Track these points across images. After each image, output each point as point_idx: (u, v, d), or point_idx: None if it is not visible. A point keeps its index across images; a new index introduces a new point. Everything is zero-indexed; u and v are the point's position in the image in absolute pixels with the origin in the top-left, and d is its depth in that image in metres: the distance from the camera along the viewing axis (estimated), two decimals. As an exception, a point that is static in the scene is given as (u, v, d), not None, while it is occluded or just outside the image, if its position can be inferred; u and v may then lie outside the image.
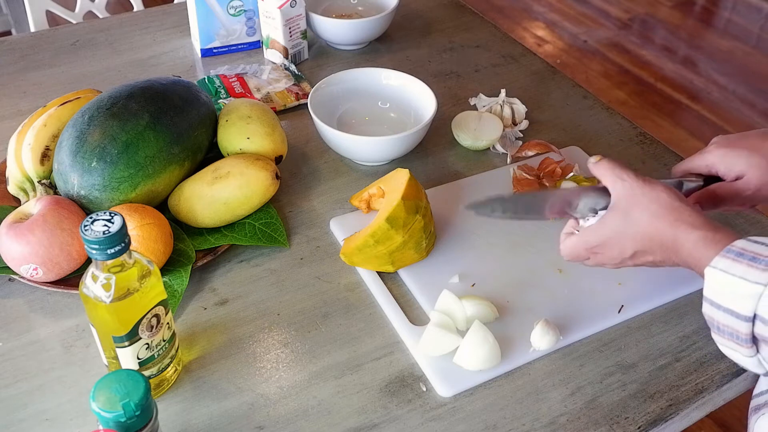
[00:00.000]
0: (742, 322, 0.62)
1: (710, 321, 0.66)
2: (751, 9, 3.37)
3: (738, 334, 0.63)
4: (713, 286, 0.64)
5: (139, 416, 0.60)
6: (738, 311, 0.62)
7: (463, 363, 0.76)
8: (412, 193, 0.84)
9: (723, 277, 0.63)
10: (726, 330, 0.64)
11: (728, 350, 0.67)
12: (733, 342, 0.64)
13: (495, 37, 1.36)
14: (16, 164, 0.91)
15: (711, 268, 0.64)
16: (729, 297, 0.63)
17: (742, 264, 0.63)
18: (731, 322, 0.63)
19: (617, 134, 1.12)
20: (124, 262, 0.64)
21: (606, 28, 3.22)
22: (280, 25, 1.19)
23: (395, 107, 1.10)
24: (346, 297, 0.85)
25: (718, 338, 0.66)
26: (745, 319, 0.62)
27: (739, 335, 0.63)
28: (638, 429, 0.73)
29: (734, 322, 0.63)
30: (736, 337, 0.64)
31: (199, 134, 0.93)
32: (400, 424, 0.72)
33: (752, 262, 0.62)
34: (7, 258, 0.80)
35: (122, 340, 0.67)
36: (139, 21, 1.38)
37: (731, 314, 0.63)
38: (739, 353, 0.65)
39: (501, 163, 1.06)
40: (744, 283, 0.62)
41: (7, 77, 1.21)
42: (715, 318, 0.65)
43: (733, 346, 0.65)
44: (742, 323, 0.62)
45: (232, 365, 0.77)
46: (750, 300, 0.61)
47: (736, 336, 0.64)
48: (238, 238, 0.89)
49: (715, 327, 0.66)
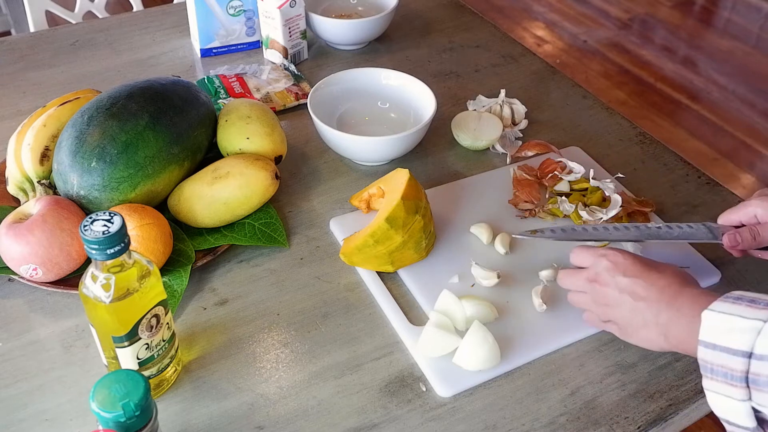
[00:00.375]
0: (738, 359, 0.59)
1: (704, 365, 0.62)
2: (751, 9, 3.38)
3: (732, 373, 0.60)
4: (709, 328, 0.62)
5: (139, 416, 0.60)
6: (734, 347, 0.59)
7: (462, 363, 0.76)
8: (412, 193, 0.84)
9: (720, 318, 0.61)
10: (720, 371, 0.61)
11: (719, 398, 0.62)
12: (726, 384, 0.60)
13: (495, 37, 1.36)
14: (15, 164, 0.91)
15: (709, 311, 0.62)
16: (725, 335, 0.60)
17: (741, 305, 0.61)
18: (726, 361, 0.60)
19: (617, 134, 1.12)
20: (124, 262, 0.64)
21: (606, 28, 3.22)
22: (280, 25, 1.19)
23: (395, 107, 1.10)
24: (346, 297, 0.85)
25: (710, 384, 0.62)
26: (741, 355, 0.59)
27: (734, 374, 0.60)
28: (638, 429, 0.73)
29: (729, 359, 0.60)
30: (730, 377, 0.60)
31: (199, 134, 0.93)
32: (399, 424, 0.72)
33: (751, 303, 0.61)
34: (7, 258, 0.80)
35: (122, 340, 0.67)
36: (138, 21, 1.38)
37: (727, 352, 0.60)
38: (731, 398, 0.60)
39: (501, 163, 1.06)
40: (742, 320, 0.60)
41: (7, 77, 1.21)
42: (709, 359, 0.62)
43: (726, 389, 0.61)
44: (737, 360, 0.59)
45: (232, 365, 0.77)
46: (747, 335, 0.59)
47: (730, 376, 0.60)
48: (238, 238, 0.89)
49: (708, 370, 0.62)
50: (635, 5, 3.38)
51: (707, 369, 0.62)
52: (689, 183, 1.03)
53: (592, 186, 0.95)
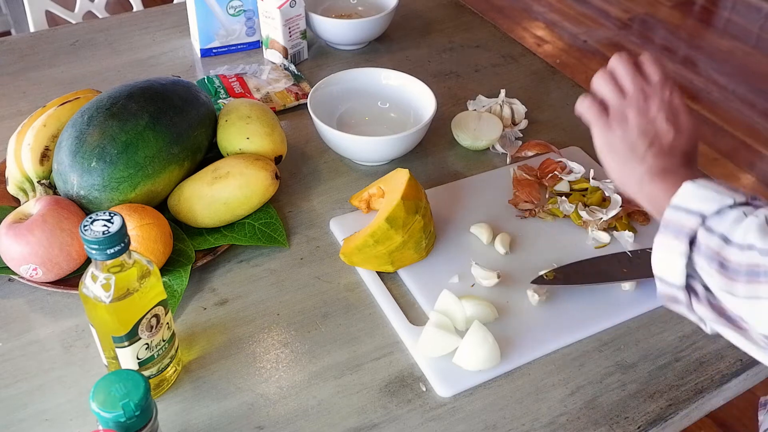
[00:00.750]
0: (692, 217, 0.60)
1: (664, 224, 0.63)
2: (751, 9, 3.38)
3: (682, 228, 0.61)
4: (683, 194, 0.63)
5: (139, 416, 0.60)
6: (694, 208, 0.61)
7: (462, 363, 0.76)
8: (412, 193, 0.84)
9: (697, 188, 0.62)
10: (672, 227, 0.62)
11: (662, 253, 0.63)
12: (673, 237, 0.61)
13: (495, 37, 1.36)
14: (15, 164, 0.91)
15: (691, 181, 0.63)
16: (694, 200, 0.62)
17: (722, 186, 0.62)
18: (681, 217, 0.61)
19: (617, 134, 1.12)
20: (124, 262, 0.64)
21: (606, 28, 3.22)
22: (280, 25, 1.19)
23: (395, 107, 1.10)
24: (346, 297, 0.85)
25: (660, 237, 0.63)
26: (696, 215, 0.60)
27: (683, 229, 0.61)
28: (638, 429, 0.73)
29: (685, 217, 0.61)
30: (678, 232, 0.61)
31: (199, 134, 0.93)
32: (399, 424, 0.72)
33: (732, 190, 0.62)
34: (7, 258, 0.80)
35: (122, 340, 0.67)
36: (138, 21, 1.38)
37: (687, 212, 0.61)
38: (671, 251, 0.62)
39: (501, 163, 1.06)
40: (715, 194, 0.61)
41: (7, 77, 1.21)
42: (668, 219, 0.62)
43: (670, 241, 0.62)
44: (691, 218, 0.60)
45: (232, 365, 0.77)
46: (711, 204, 0.60)
47: (678, 230, 0.61)
48: (238, 238, 0.89)
49: (663, 227, 0.63)
50: (635, 5, 3.38)
51: (663, 226, 0.63)
52: (689, 183, 1.03)
53: (592, 186, 0.95)
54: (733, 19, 3.32)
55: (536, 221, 0.94)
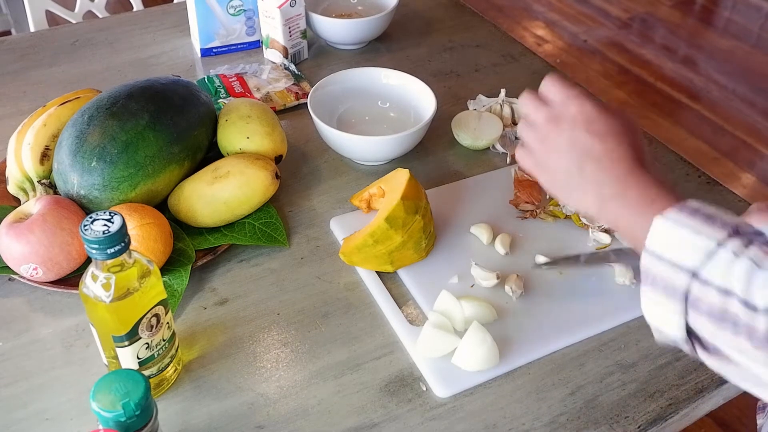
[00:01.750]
0: (682, 274, 0.55)
1: (646, 274, 0.59)
2: (751, 8, 3.38)
3: (674, 288, 0.56)
4: (658, 237, 0.58)
5: (139, 416, 0.60)
6: (682, 263, 0.56)
7: (461, 363, 0.76)
8: (412, 193, 0.84)
9: (672, 229, 0.57)
10: (661, 283, 0.57)
11: (654, 307, 0.59)
12: (665, 296, 0.57)
13: (495, 37, 1.36)
14: (15, 164, 0.91)
15: (662, 217, 0.58)
16: (675, 249, 0.56)
17: (697, 219, 0.57)
18: (670, 274, 0.56)
19: (617, 134, 1.12)
20: (124, 262, 0.64)
21: (606, 27, 3.22)
22: (280, 25, 1.19)
23: (395, 107, 1.10)
24: (346, 297, 0.85)
25: (648, 293, 0.59)
26: (686, 271, 0.55)
27: (675, 289, 0.56)
28: (638, 428, 0.73)
29: (673, 274, 0.56)
30: (671, 291, 0.57)
31: (199, 134, 0.93)
32: (399, 423, 0.72)
33: (708, 220, 0.56)
34: (7, 258, 0.80)
35: (122, 339, 0.67)
36: (138, 21, 1.38)
37: (673, 266, 0.56)
38: (667, 310, 0.58)
39: (501, 162, 1.06)
40: (695, 236, 0.56)
41: (7, 77, 1.21)
42: (653, 270, 0.58)
43: (662, 300, 0.57)
44: (681, 275, 0.56)
45: (232, 365, 0.77)
46: (697, 253, 0.55)
47: (671, 290, 0.57)
48: (238, 238, 0.89)
49: (650, 279, 0.58)
50: (635, 5, 3.38)
51: (649, 278, 0.59)
52: (689, 182, 1.03)
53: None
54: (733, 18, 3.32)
55: (537, 222, 0.94)
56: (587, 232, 0.92)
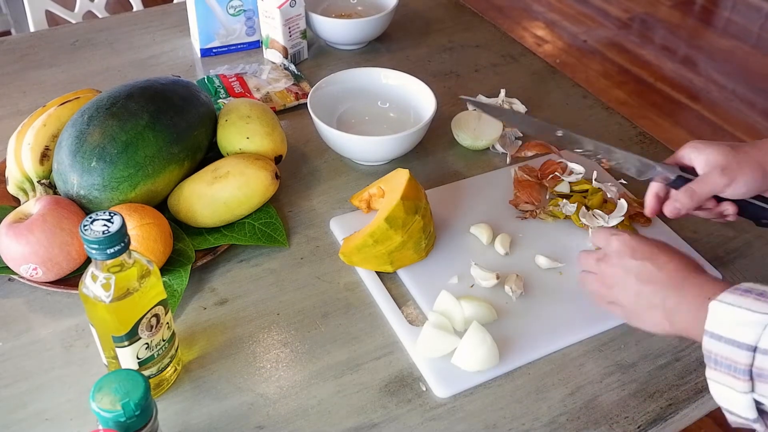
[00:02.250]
0: (743, 352, 0.59)
1: (708, 355, 0.62)
2: (751, 9, 3.38)
3: (736, 365, 0.60)
4: (716, 319, 0.62)
5: (139, 416, 0.60)
6: (740, 340, 0.59)
7: (461, 364, 0.75)
8: (412, 194, 0.84)
9: (728, 309, 0.61)
10: (724, 362, 0.61)
11: (721, 388, 0.62)
12: (730, 376, 0.60)
13: (495, 37, 1.36)
14: (15, 164, 0.91)
15: (717, 301, 0.62)
16: (732, 327, 0.60)
17: (749, 298, 0.60)
18: (731, 353, 0.60)
19: (617, 134, 1.12)
20: (124, 262, 0.64)
21: (606, 27, 3.22)
22: (280, 25, 1.19)
23: (395, 107, 1.10)
24: (346, 297, 0.85)
25: (714, 374, 0.62)
26: (746, 348, 0.59)
27: (738, 366, 0.59)
28: (638, 428, 0.73)
29: (734, 352, 0.60)
30: (734, 369, 0.60)
31: (199, 134, 0.93)
32: (399, 423, 0.72)
33: (760, 297, 0.60)
34: (7, 258, 0.80)
35: (122, 339, 0.67)
36: (138, 21, 1.38)
37: (732, 344, 0.60)
38: (734, 390, 0.61)
39: (501, 162, 1.06)
40: (749, 314, 0.59)
41: (7, 77, 1.21)
42: (714, 350, 0.61)
43: (729, 381, 0.61)
44: (742, 353, 0.59)
45: (232, 365, 0.77)
46: (754, 328, 0.58)
47: (733, 368, 0.60)
48: (238, 238, 0.89)
49: (713, 361, 0.62)
50: (635, 5, 3.38)
51: (711, 359, 0.62)
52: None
53: (593, 187, 0.95)
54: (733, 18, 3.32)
55: (537, 222, 0.94)
56: (587, 232, 0.92)
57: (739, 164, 0.77)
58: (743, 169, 0.77)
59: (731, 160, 0.77)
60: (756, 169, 0.77)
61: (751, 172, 0.77)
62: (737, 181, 0.77)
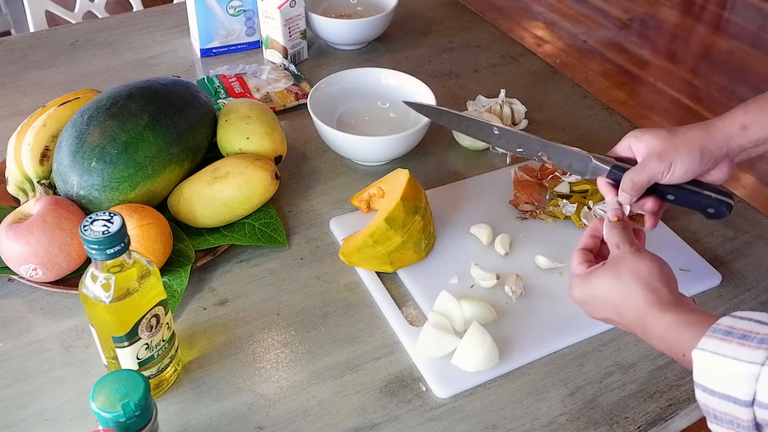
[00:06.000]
0: (742, 408, 0.55)
1: (705, 409, 0.58)
2: (751, 9, 3.38)
3: (739, 422, 0.56)
4: (703, 370, 0.58)
5: (139, 416, 0.60)
6: (735, 396, 0.55)
7: (461, 364, 0.75)
8: (412, 194, 0.84)
9: (713, 360, 0.57)
10: (725, 418, 0.57)
11: None
12: (728, 428, 0.57)
13: (494, 37, 1.36)
14: (15, 164, 0.91)
15: (699, 350, 0.58)
16: (723, 381, 0.56)
17: (732, 343, 0.56)
18: (729, 409, 0.56)
19: (617, 134, 1.12)
20: (124, 262, 0.64)
21: (605, 27, 3.22)
22: (280, 25, 1.19)
23: (395, 107, 1.10)
24: (346, 297, 0.85)
25: (717, 428, 0.58)
26: (744, 404, 0.55)
27: (741, 422, 0.55)
28: (638, 429, 0.73)
29: (733, 408, 0.56)
30: (738, 425, 0.56)
31: (199, 134, 0.93)
32: (399, 424, 0.72)
33: (743, 341, 0.56)
34: (7, 258, 0.80)
35: (122, 340, 0.67)
36: (138, 21, 1.38)
37: (728, 399, 0.56)
38: None
39: (500, 163, 1.06)
40: (737, 364, 0.55)
41: (7, 77, 1.21)
42: (710, 405, 0.57)
43: None
44: (741, 409, 0.55)
45: (232, 365, 0.77)
46: (746, 381, 0.54)
47: (737, 424, 0.56)
48: (238, 238, 0.89)
49: (712, 416, 0.58)
50: (635, 5, 3.38)
51: (710, 414, 0.58)
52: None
53: (593, 187, 0.95)
54: (733, 19, 3.32)
55: (536, 222, 0.94)
56: (587, 232, 0.92)
57: (675, 147, 0.75)
58: (680, 151, 0.75)
59: (667, 145, 0.76)
60: (693, 150, 0.75)
61: (688, 154, 0.75)
62: (675, 164, 0.75)
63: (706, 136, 0.77)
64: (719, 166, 0.77)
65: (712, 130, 0.77)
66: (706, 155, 0.76)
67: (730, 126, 0.77)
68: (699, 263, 0.88)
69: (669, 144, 0.76)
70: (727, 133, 0.77)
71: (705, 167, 0.76)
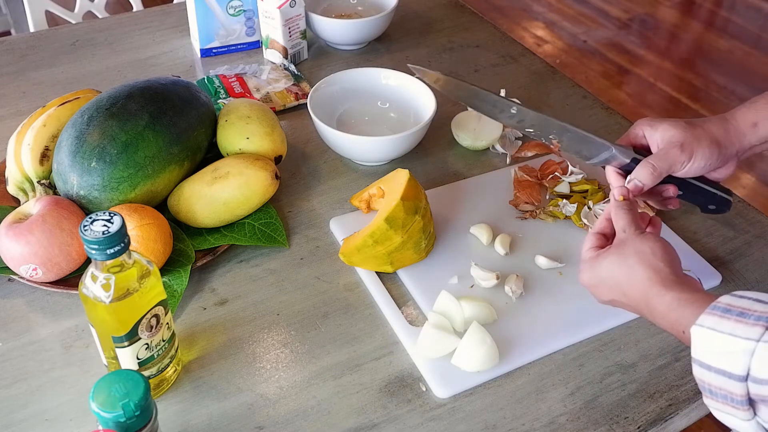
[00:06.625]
0: (736, 383, 0.56)
1: (701, 384, 0.60)
2: (751, 9, 3.38)
3: (733, 396, 0.57)
4: (701, 346, 0.59)
5: (139, 416, 0.60)
6: (730, 371, 0.56)
7: (461, 364, 0.75)
8: (412, 194, 0.84)
9: (711, 336, 0.58)
10: (719, 393, 0.58)
11: (723, 415, 0.60)
12: (729, 405, 0.58)
13: (494, 37, 1.36)
14: (15, 164, 0.91)
15: (698, 326, 0.59)
16: (719, 356, 0.57)
17: (731, 320, 0.57)
18: (724, 384, 0.57)
19: (617, 134, 1.12)
20: (124, 262, 0.64)
21: (605, 27, 3.22)
22: (280, 25, 1.19)
23: (395, 107, 1.10)
24: (346, 297, 0.85)
25: (712, 403, 0.60)
26: (738, 379, 0.56)
27: (734, 397, 0.57)
28: (638, 429, 0.73)
29: (727, 383, 0.57)
30: (731, 400, 0.57)
31: (199, 134, 0.93)
32: (399, 424, 0.72)
33: (741, 318, 0.57)
34: (7, 258, 0.80)
35: (122, 340, 0.67)
36: (138, 21, 1.38)
37: (723, 374, 0.57)
38: (736, 418, 0.58)
39: (501, 163, 1.06)
40: (734, 340, 0.56)
41: (7, 77, 1.21)
42: (706, 380, 0.59)
43: (729, 410, 0.58)
44: (736, 384, 0.56)
45: (232, 365, 0.77)
46: (742, 357, 0.56)
47: (730, 398, 0.57)
48: (238, 238, 0.89)
49: (707, 390, 0.59)
50: (635, 5, 3.38)
51: (706, 389, 0.60)
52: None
53: (593, 187, 0.95)
54: (733, 19, 3.32)
55: (537, 222, 0.94)
56: (587, 232, 0.91)
57: (697, 139, 0.76)
58: (701, 144, 0.76)
59: (688, 136, 0.76)
60: (712, 144, 0.76)
61: (708, 147, 0.76)
62: (695, 156, 0.76)
63: (723, 132, 0.77)
64: (728, 163, 0.78)
65: (727, 127, 0.78)
66: (723, 151, 0.77)
67: (743, 123, 0.78)
68: (699, 263, 0.88)
69: (690, 135, 0.76)
70: (740, 130, 0.78)
71: (720, 163, 0.77)
